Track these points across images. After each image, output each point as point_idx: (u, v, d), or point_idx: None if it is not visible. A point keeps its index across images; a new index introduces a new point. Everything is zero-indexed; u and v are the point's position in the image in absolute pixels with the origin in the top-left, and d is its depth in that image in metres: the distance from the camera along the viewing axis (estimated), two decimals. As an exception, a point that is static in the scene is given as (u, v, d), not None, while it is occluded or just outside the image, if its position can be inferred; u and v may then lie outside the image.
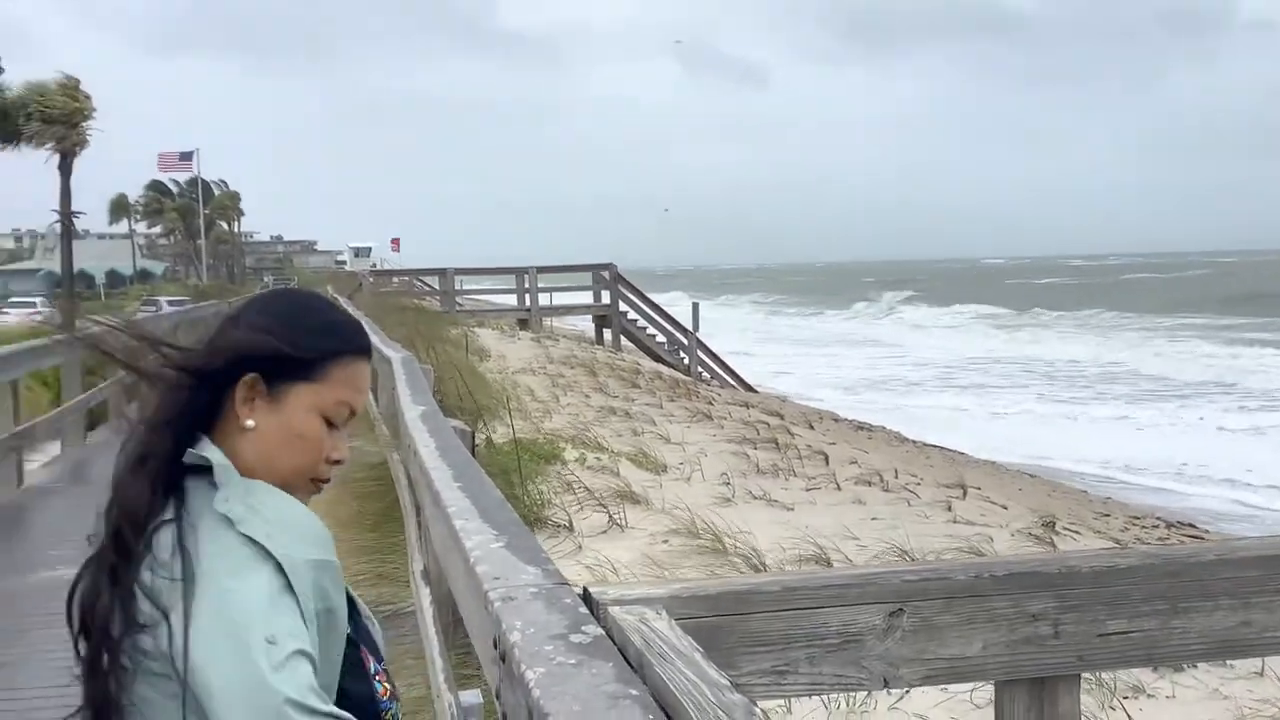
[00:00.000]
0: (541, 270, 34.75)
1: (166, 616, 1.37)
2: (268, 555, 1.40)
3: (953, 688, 4.37)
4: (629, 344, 32.85)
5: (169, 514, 1.44)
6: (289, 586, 1.40)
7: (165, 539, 1.42)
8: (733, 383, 30.45)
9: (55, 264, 56.01)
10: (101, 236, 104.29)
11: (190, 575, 1.38)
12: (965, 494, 11.25)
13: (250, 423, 1.51)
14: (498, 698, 1.88)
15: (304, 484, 1.55)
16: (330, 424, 1.56)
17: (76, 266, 43.34)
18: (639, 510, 7.95)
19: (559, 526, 7.32)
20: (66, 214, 38.19)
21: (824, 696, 4.47)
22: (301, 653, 1.37)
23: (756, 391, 28.77)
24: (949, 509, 9.86)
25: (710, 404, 18.57)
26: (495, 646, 1.85)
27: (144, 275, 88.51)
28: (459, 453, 3.48)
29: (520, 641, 1.69)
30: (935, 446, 19.55)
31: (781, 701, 4.35)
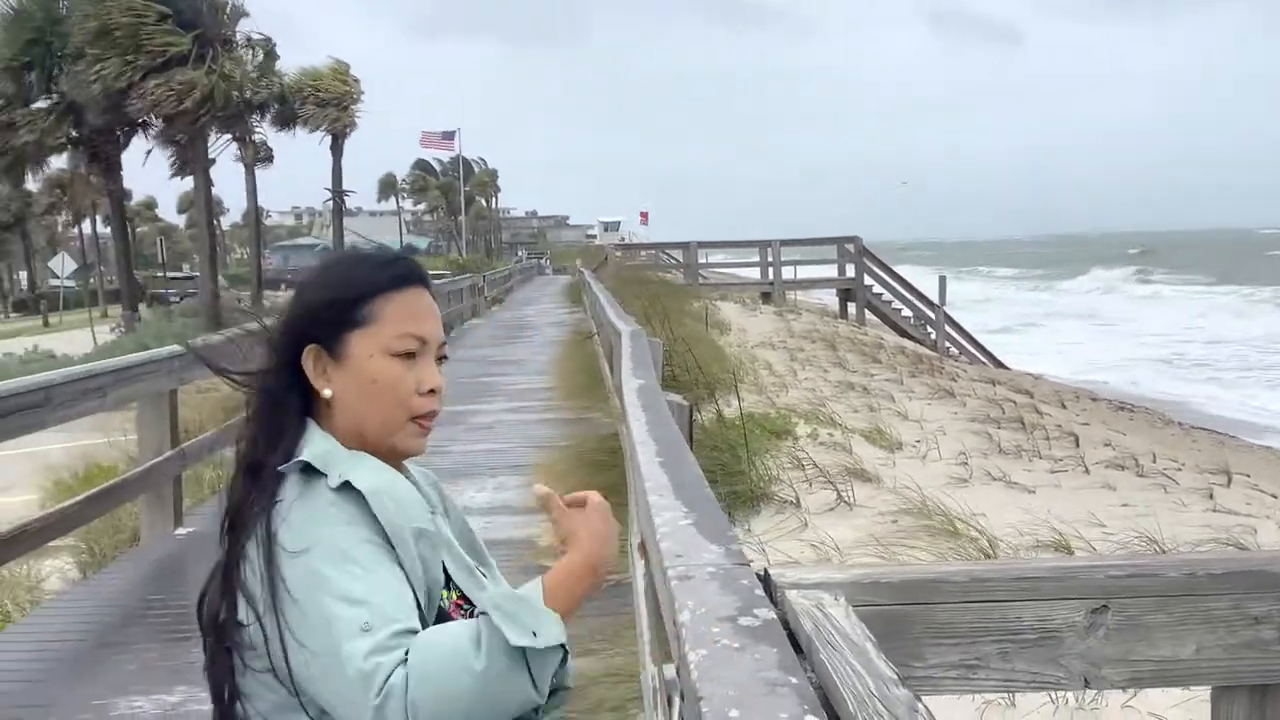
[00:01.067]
0: (785, 243, 34.55)
1: (259, 617, 1.41)
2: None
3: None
4: (873, 318, 32.27)
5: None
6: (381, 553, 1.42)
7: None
8: (981, 359, 29.47)
9: (329, 240, 59.71)
10: (372, 213, 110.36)
11: (271, 560, 1.41)
12: (1230, 481, 10.49)
13: (328, 392, 1.52)
14: (678, 675, 1.88)
15: (404, 428, 1.54)
16: (406, 356, 1.54)
17: (348, 241, 46.07)
18: (869, 488, 7.80)
19: (785, 503, 7.27)
20: (338, 192, 40.68)
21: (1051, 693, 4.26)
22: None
23: (1007, 368, 27.73)
24: (1210, 497, 9.22)
25: (954, 380, 18.02)
26: (674, 624, 1.85)
27: (410, 249, 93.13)
28: (667, 428, 3.49)
29: (688, 621, 1.68)
30: (1204, 430, 18.34)
31: (1005, 696, 4.18)
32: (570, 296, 34.35)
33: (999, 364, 28.95)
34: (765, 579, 1.95)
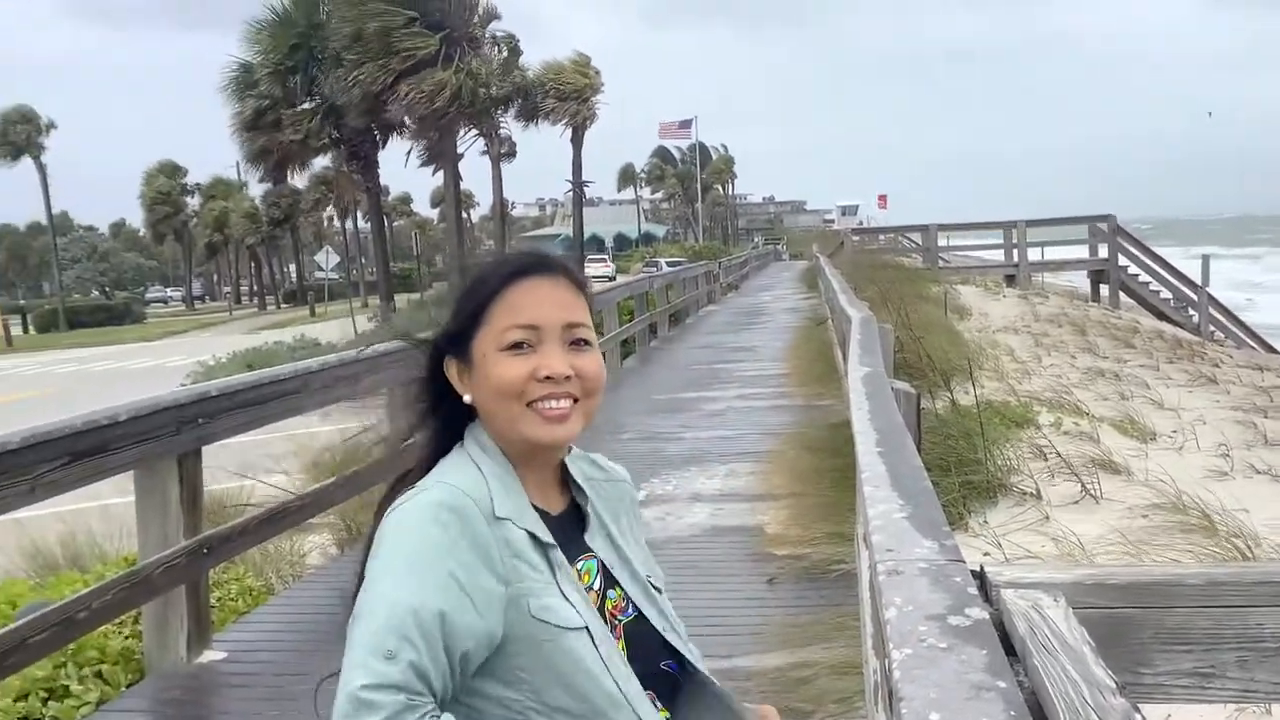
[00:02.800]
0: (1031, 224, 33.14)
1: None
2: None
3: None
4: (1128, 301, 30.59)
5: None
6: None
7: None
8: (1251, 343, 27.50)
9: (570, 230, 61.26)
10: (611, 203, 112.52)
11: (379, 538, 1.46)
12: None
13: (467, 397, 1.55)
14: (881, 674, 1.84)
15: (524, 417, 1.51)
16: (518, 347, 1.51)
17: (588, 231, 47.21)
18: (1117, 481, 7.41)
19: (1025, 494, 6.99)
20: (578, 184, 41.68)
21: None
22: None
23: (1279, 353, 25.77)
24: None
25: (1216, 366, 16.89)
26: (880, 621, 1.81)
27: (647, 238, 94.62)
28: (890, 416, 3.41)
29: (894, 619, 1.64)
30: None
31: (1262, 705, 3.89)
32: (806, 282, 34.05)
33: (1270, 349, 26.94)
34: (980, 577, 1.88)
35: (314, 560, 7.75)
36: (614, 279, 60.73)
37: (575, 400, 1.52)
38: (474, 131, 32.08)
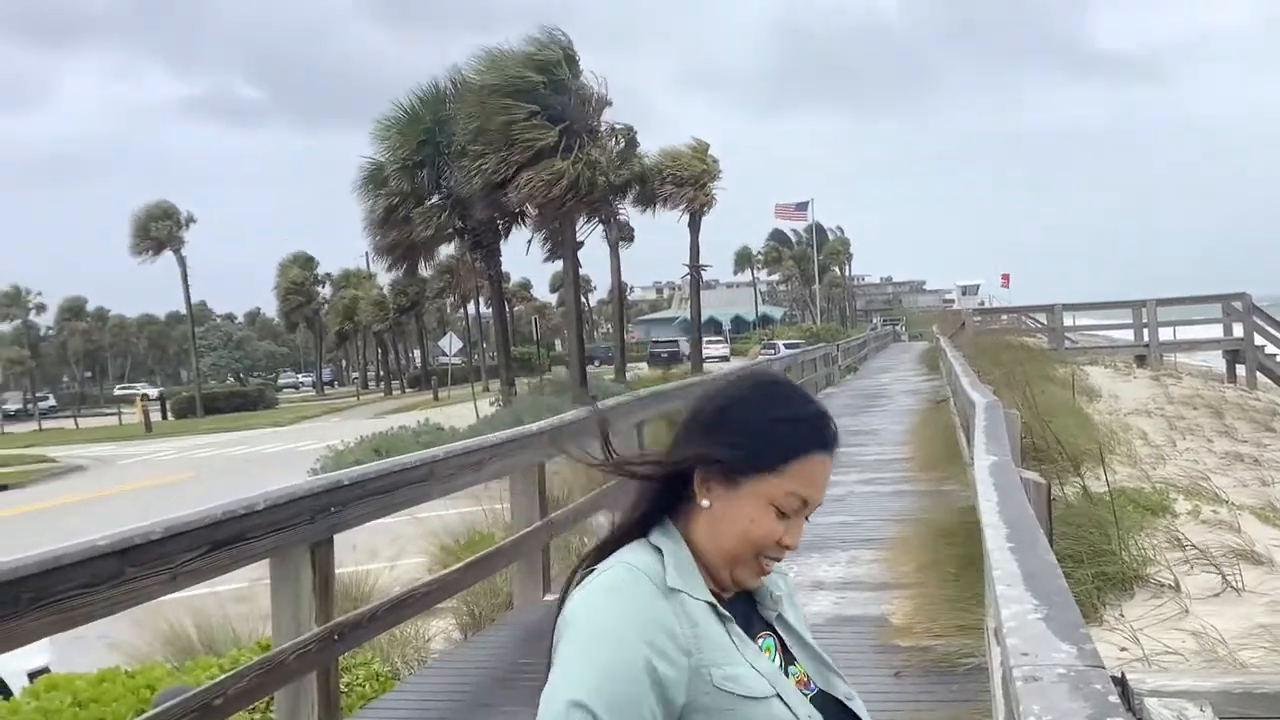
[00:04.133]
0: (1162, 303, 32.25)
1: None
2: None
3: None
4: (1266, 381, 29.44)
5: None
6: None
7: None
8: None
9: (687, 312, 61.61)
10: (728, 286, 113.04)
11: (562, 622, 1.53)
12: None
13: (706, 503, 1.58)
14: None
15: (749, 566, 1.59)
16: (782, 513, 1.58)
17: (705, 314, 47.40)
18: (1259, 572, 7.08)
19: (1162, 586, 6.72)
20: (696, 267, 41.97)
21: None
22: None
23: None
24: None
25: (1367, 450, 16.09)
26: (1019, 727, 1.77)
27: (764, 320, 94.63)
28: (1020, 510, 3.34)
29: (1033, 728, 1.60)
30: None
31: None
32: (927, 363, 33.59)
33: None
34: (1122, 684, 1.83)
35: (437, 645, 7.84)
36: (728, 359, 60.94)
37: None
38: (593, 219, 32.67)
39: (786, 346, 49.95)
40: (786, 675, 1.58)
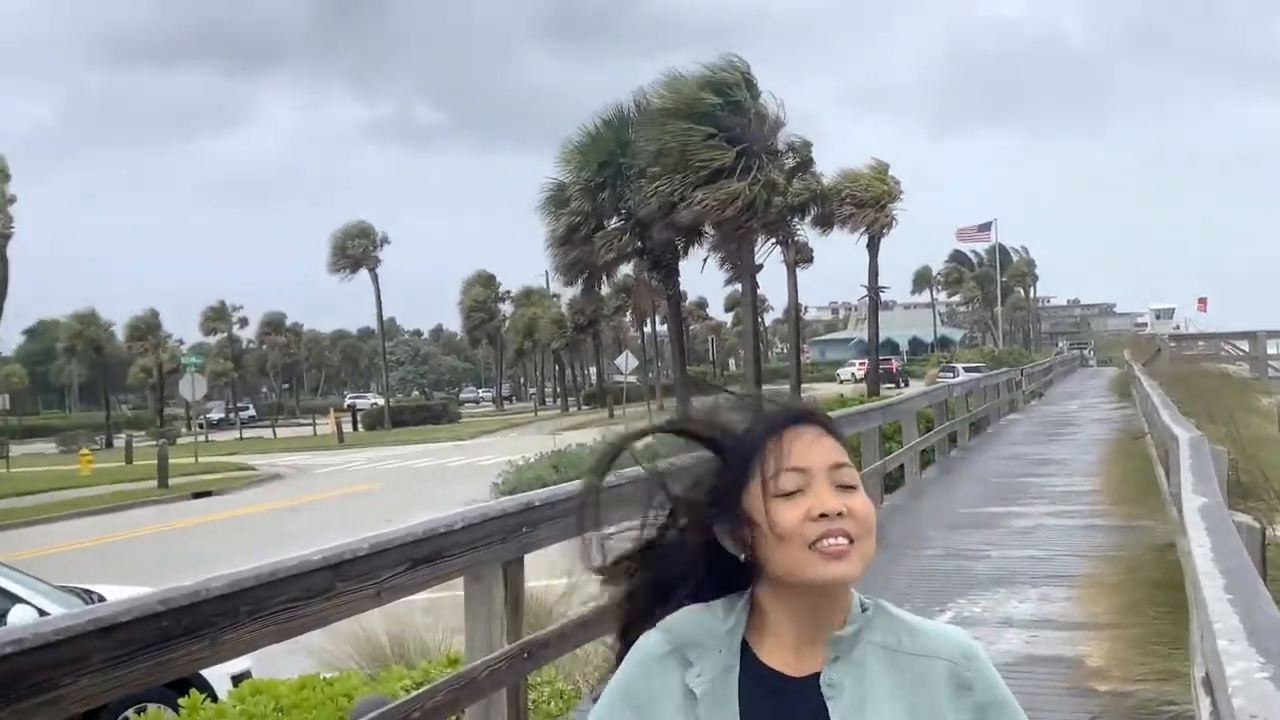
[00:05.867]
0: (1378, 329, 30.27)
1: None
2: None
3: None
4: None
5: None
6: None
7: None
8: None
9: (864, 334, 60.81)
10: (906, 307, 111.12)
11: None
12: None
13: (743, 556, 1.52)
14: None
15: (808, 560, 1.46)
16: (795, 494, 1.48)
17: (882, 335, 46.69)
18: None
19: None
20: (874, 289, 41.40)
21: None
22: None
23: None
24: None
25: None
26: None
27: (943, 342, 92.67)
28: (1236, 557, 3.19)
29: (1268, 797, 1.54)
30: None
31: None
32: (1117, 390, 32.30)
33: None
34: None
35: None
36: (902, 384, 59.67)
37: (850, 540, 1.45)
38: (771, 240, 32.62)
39: (966, 370, 48.66)
40: None
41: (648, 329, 67.89)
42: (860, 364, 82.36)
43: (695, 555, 1.55)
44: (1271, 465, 10.31)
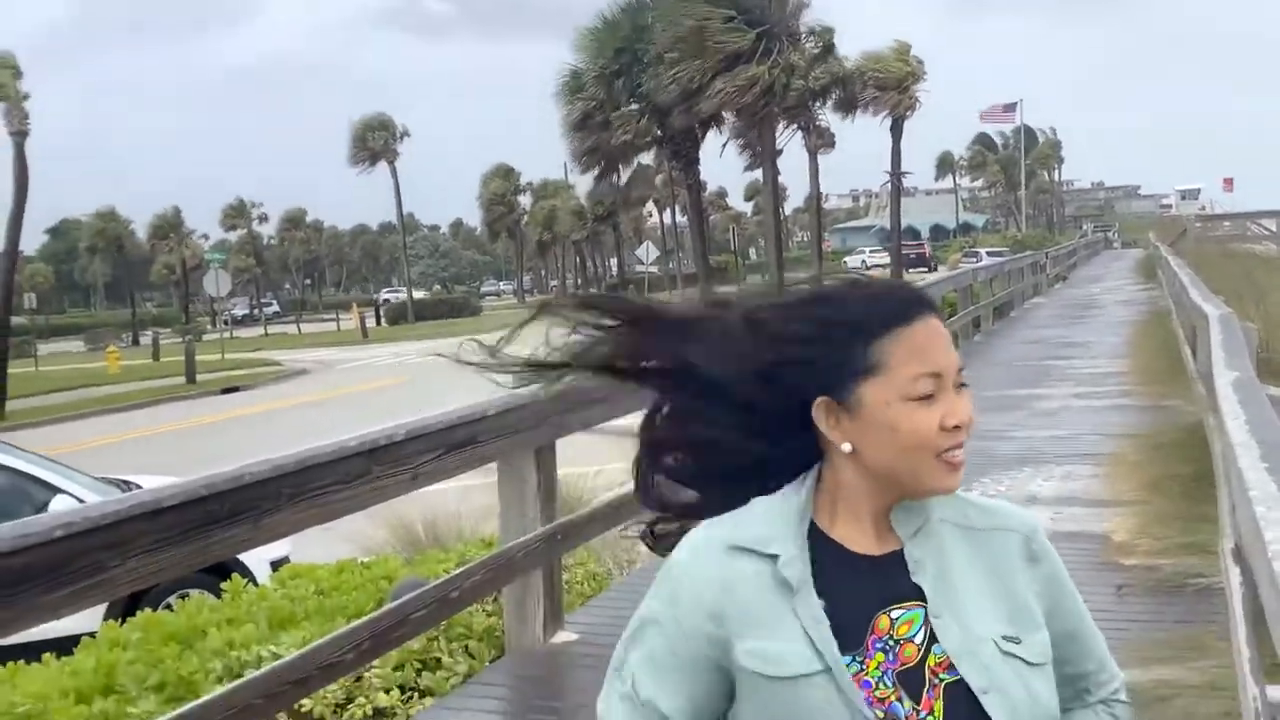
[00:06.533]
0: None
1: None
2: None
3: None
4: None
5: None
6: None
7: None
8: None
9: (887, 220, 60.32)
10: (928, 193, 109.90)
11: None
12: None
13: (847, 446, 1.40)
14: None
15: (933, 470, 1.39)
16: (926, 399, 1.38)
17: (904, 222, 46.31)
18: None
19: None
20: (897, 174, 40.93)
21: None
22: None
23: None
24: None
25: None
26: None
27: (965, 228, 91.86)
28: (1272, 428, 3.20)
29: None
30: None
31: None
32: (1142, 272, 32.03)
33: None
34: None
35: (643, 548, 8.07)
36: (930, 268, 59.32)
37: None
38: (792, 126, 32.21)
39: (989, 254, 48.27)
40: (929, 654, 1.37)
41: (668, 219, 67.49)
42: (872, 251, 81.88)
43: (764, 438, 1.45)
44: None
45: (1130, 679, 4.43)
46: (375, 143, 63.76)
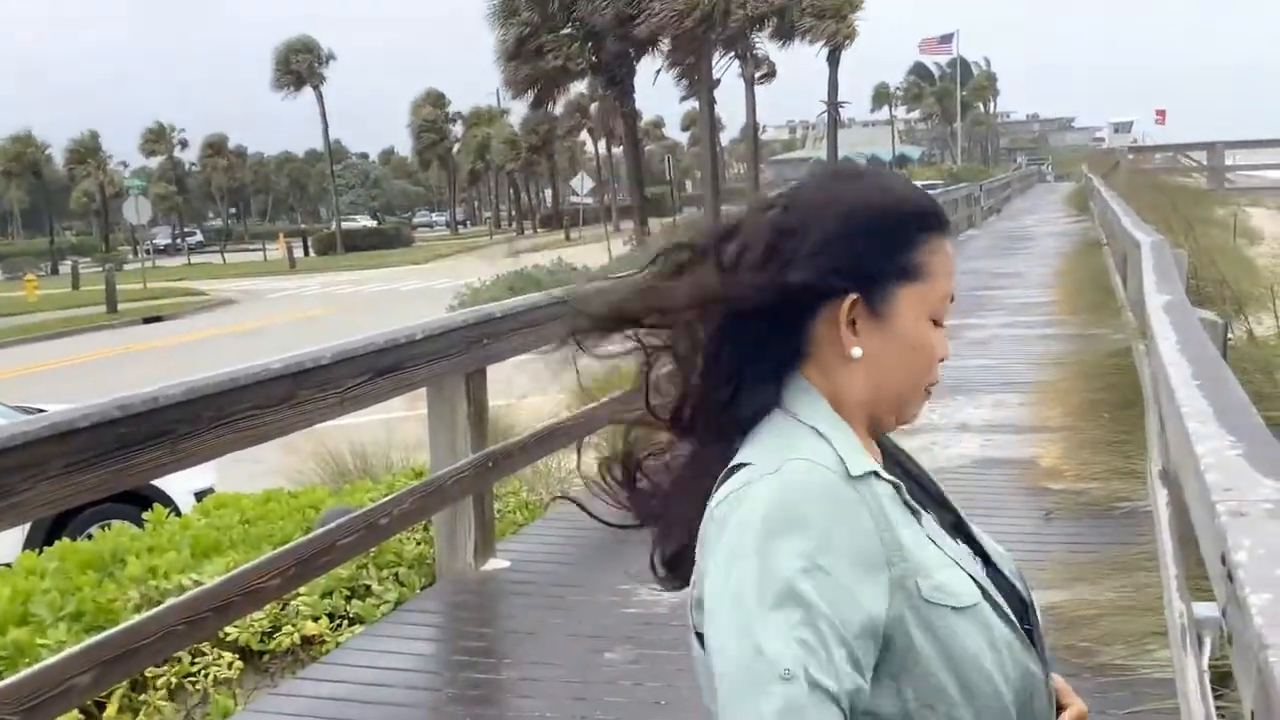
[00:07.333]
0: (1332, 140, 30.36)
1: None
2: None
3: None
4: None
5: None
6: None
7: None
8: None
9: (823, 152, 60.30)
10: (864, 125, 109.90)
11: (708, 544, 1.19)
12: None
13: (858, 351, 1.22)
14: (1223, 616, 1.74)
15: (918, 395, 1.28)
16: (938, 323, 1.27)
17: (840, 153, 46.32)
18: None
19: (1331, 434, 6.47)
20: (834, 105, 40.86)
21: None
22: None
23: None
24: None
25: None
26: (1222, 563, 1.71)
27: (901, 160, 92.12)
28: (1202, 347, 3.20)
29: (1245, 561, 1.54)
30: None
31: None
32: (1074, 204, 32.43)
33: None
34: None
35: (575, 481, 8.03)
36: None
37: None
38: (729, 54, 31.92)
39: (924, 187, 48.42)
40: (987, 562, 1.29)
41: (602, 150, 66.93)
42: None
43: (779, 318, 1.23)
44: (1227, 273, 10.42)
45: (1055, 599, 4.50)
46: (300, 65, 62.23)
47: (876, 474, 1.19)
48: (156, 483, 6.66)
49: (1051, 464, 6.24)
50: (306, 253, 65.17)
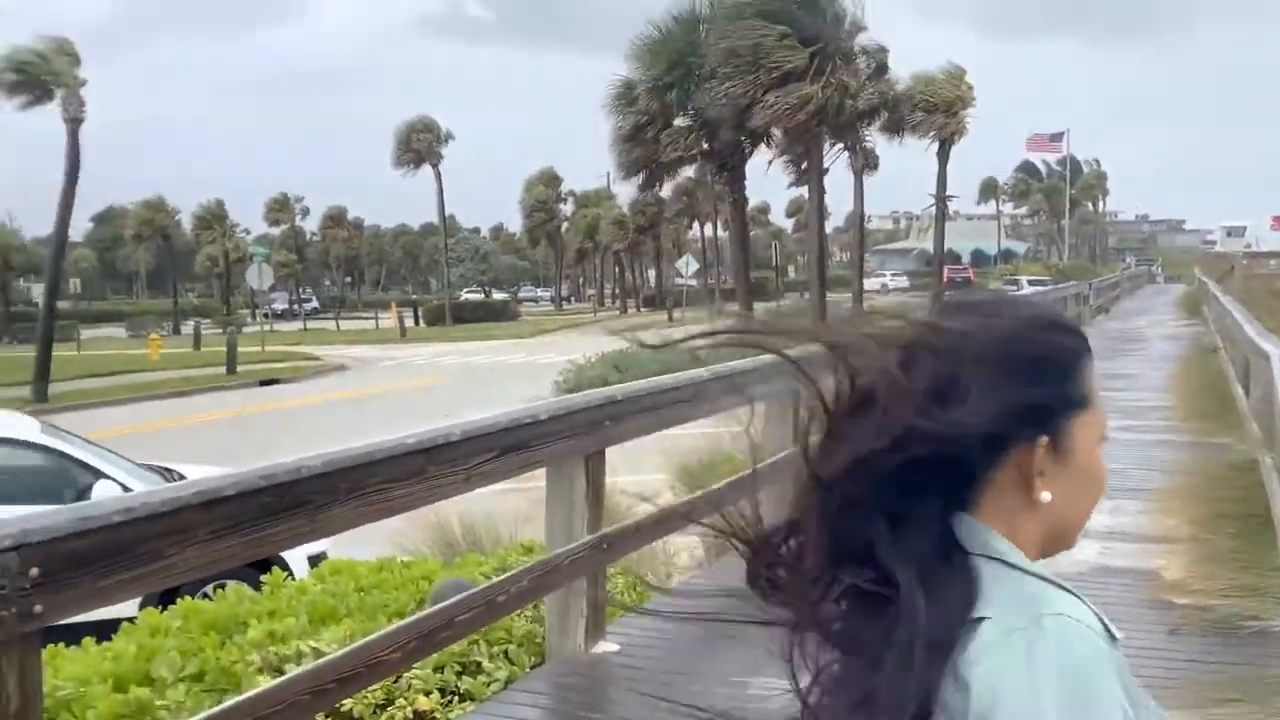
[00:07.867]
0: None
1: None
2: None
3: None
4: None
5: None
6: None
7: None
8: None
9: (927, 243, 59.95)
10: (969, 217, 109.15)
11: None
12: None
13: (1047, 495, 1.16)
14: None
15: (1087, 520, 1.26)
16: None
17: (945, 246, 46.03)
18: None
19: None
20: (941, 198, 40.74)
21: None
22: None
23: None
24: None
25: None
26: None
27: (1007, 255, 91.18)
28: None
29: None
30: None
31: None
32: (1186, 308, 31.74)
33: None
34: None
35: (681, 561, 8.00)
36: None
37: None
38: (839, 145, 32.07)
39: (1031, 283, 47.88)
40: None
41: (708, 233, 67.44)
42: (893, 275, 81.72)
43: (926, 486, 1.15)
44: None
45: (1186, 722, 4.32)
46: (420, 144, 64.10)
47: (1109, 633, 1.13)
48: (274, 546, 6.80)
49: (1176, 577, 6.06)
50: (417, 322, 66.44)
